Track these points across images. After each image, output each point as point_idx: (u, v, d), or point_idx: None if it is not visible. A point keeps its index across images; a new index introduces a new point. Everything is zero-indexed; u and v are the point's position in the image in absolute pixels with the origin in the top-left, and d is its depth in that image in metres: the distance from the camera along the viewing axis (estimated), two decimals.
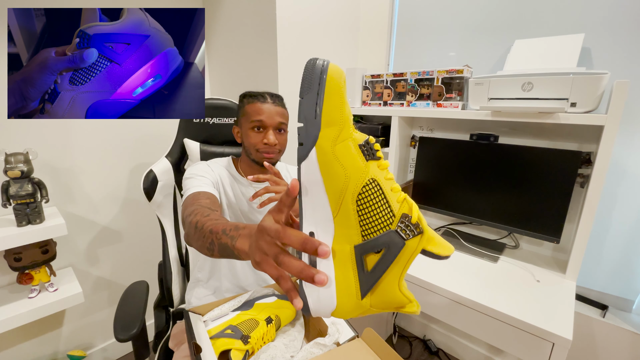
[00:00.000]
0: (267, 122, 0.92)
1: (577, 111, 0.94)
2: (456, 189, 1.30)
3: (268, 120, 0.92)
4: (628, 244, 1.13)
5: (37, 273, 1.20)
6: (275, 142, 0.93)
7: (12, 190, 1.08)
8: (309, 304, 0.37)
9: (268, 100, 0.94)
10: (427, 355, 1.65)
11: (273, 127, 0.93)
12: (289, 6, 1.26)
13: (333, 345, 0.78)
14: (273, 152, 0.94)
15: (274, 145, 0.93)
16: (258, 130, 0.93)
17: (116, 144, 1.42)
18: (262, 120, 0.92)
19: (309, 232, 0.37)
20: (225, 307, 0.87)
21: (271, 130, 0.93)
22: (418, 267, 1.11)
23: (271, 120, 0.93)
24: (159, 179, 1.05)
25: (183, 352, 0.88)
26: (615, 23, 1.04)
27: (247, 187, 1.00)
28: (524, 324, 0.86)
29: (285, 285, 0.38)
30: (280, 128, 0.95)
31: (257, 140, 0.93)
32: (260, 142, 0.93)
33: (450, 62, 1.41)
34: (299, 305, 0.37)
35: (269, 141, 0.92)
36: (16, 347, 1.31)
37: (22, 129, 1.18)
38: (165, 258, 1.09)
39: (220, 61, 1.58)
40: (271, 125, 0.93)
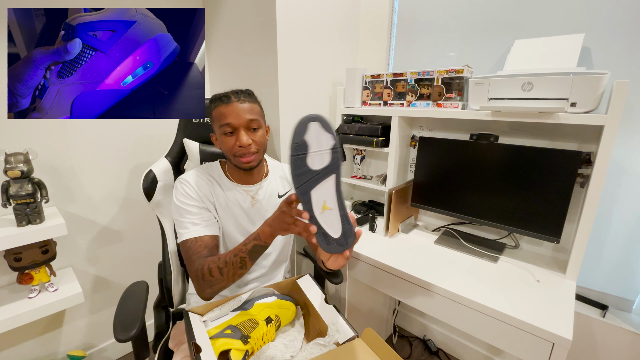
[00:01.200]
0: (235, 123, 0.87)
1: (577, 111, 0.94)
2: (456, 189, 1.30)
3: (236, 121, 0.87)
4: (628, 244, 1.13)
5: (37, 273, 1.20)
6: (249, 142, 0.89)
7: (12, 190, 1.08)
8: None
9: (232, 99, 0.88)
10: (427, 355, 1.65)
11: (243, 126, 0.88)
12: (289, 6, 1.26)
13: (333, 345, 0.78)
14: (249, 153, 0.90)
15: (248, 146, 0.89)
16: (230, 135, 0.89)
17: (116, 144, 1.42)
18: (229, 123, 0.87)
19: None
20: (225, 307, 0.87)
21: (242, 131, 0.88)
22: (418, 267, 1.11)
23: (239, 120, 0.87)
24: (158, 179, 1.05)
25: (183, 352, 0.88)
26: (615, 23, 1.04)
27: (236, 191, 0.99)
28: (524, 324, 0.86)
29: (306, 232, 0.69)
30: (252, 126, 0.90)
31: (231, 145, 0.89)
32: (235, 145, 0.89)
33: (450, 62, 1.41)
34: (313, 230, 0.66)
35: (241, 143, 0.87)
36: (16, 347, 1.31)
37: (22, 129, 1.18)
38: (165, 258, 1.09)
39: (220, 61, 1.58)
40: (241, 125, 0.88)
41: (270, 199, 1.03)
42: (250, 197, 1.00)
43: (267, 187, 1.04)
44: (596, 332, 1.17)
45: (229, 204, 0.97)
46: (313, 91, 1.48)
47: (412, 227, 1.48)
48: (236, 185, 0.99)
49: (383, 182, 1.49)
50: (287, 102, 1.35)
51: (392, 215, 1.34)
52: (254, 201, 1.00)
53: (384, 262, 1.15)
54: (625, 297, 1.18)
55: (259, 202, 1.01)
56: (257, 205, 1.00)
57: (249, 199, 1.00)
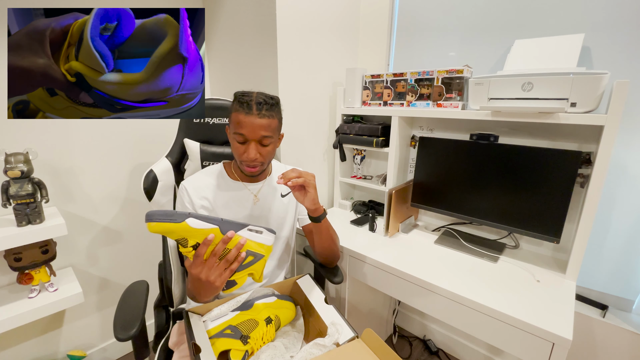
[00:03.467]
0: (249, 136, 0.89)
1: (577, 111, 0.94)
2: (456, 189, 1.30)
3: (250, 135, 0.88)
4: (628, 244, 1.13)
5: (37, 273, 1.20)
6: (256, 157, 0.90)
7: (12, 190, 1.08)
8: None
9: (254, 111, 0.87)
10: (427, 355, 1.65)
11: (255, 140, 0.90)
12: (289, 6, 1.26)
13: (332, 345, 0.78)
14: (255, 165, 0.93)
15: (254, 160, 0.91)
16: (240, 143, 0.91)
17: (116, 144, 1.42)
18: (243, 135, 0.88)
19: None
20: (224, 307, 0.87)
21: (253, 144, 0.89)
22: (418, 267, 1.11)
23: (253, 135, 0.88)
24: (159, 179, 1.05)
25: (183, 352, 0.88)
26: (615, 23, 1.04)
27: (239, 189, 1.01)
28: (524, 324, 0.86)
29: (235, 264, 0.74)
30: (264, 143, 0.91)
31: (239, 152, 0.91)
32: (242, 154, 0.91)
33: (450, 62, 1.41)
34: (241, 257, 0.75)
35: (248, 157, 0.89)
36: (16, 347, 1.31)
37: (22, 129, 1.18)
38: (165, 258, 1.09)
39: (220, 61, 1.58)
40: (253, 139, 0.89)
41: (273, 197, 1.04)
42: (253, 196, 1.01)
43: (269, 185, 1.05)
44: (596, 332, 1.17)
45: (231, 203, 0.99)
46: (313, 91, 1.48)
47: (412, 227, 1.48)
48: (239, 184, 1.01)
49: (383, 182, 1.49)
50: (287, 102, 1.35)
51: (392, 215, 1.34)
52: (256, 199, 1.02)
53: (384, 262, 1.15)
54: (625, 297, 1.18)
55: (262, 200, 1.02)
56: (259, 204, 1.02)
57: (251, 197, 1.01)
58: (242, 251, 0.74)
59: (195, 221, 0.70)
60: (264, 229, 0.78)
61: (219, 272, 0.73)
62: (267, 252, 0.79)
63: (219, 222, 0.73)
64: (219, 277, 0.73)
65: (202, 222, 0.71)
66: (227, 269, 0.74)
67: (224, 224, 0.73)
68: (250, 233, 0.76)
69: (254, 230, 0.77)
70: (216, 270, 0.73)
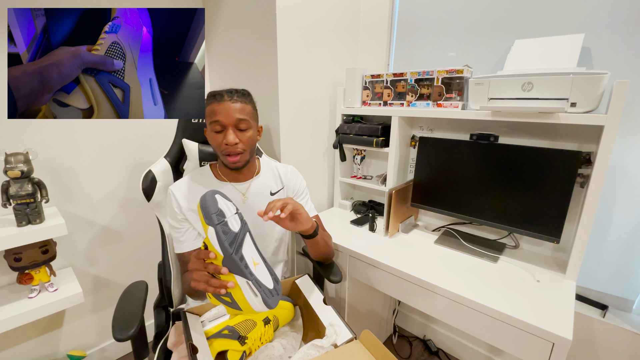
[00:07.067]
0: (225, 121, 0.89)
1: (577, 111, 0.94)
2: (456, 189, 1.30)
3: (225, 120, 0.88)
4: (628, 244, 1.13)
5: (37, 273, 1.20)
6: (236, 141, 0.89)
7: (12, 190, 1.08)
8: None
9: (225, 98, 0.89)
10: (427, 355, 1.65)
11: (232, 125, 0.90)
12: (289, 6, 1.26)
13: (330, 347, 0.78)
14: (235, 152, 0.91)
15: (234, 145, 0.90)
16: (219, 132, 0.90)
17: (116, 144, 1.42)
18: (219, 121, 0.88)
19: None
20: (223, 307, 0.87)
21: (230, 130, 0.89)
22: (418, 267, 1.11)
23: (229, 119, 0.88)
24: (157, 179, 1.05)
25: (182, 353, 0.88)
26: (615, 23, 1.04)
27: (227, 189, 1.00)
28: (524, 324, 0.86)
29: (219, 289, 0.68)
30: (240, 126, 0.91)
31: (218, 142, 0.91)
32: (222, 143, 0.90)
33: (450, 62, 1.40)
34: (230, 286, 0.67)
35: (228, 141, 0.89)
36: (16, 347, 1.32)
37: (22, 129, 1.18)
38: (165, 258, 1.09)
39: (220, 61, 1.58)
40: (229, 124, 0.89)
41: (262, 196, 1.04)
42: (241, 194, 1.01)
43: (258, 184, 1.05)
44: (596, 332, 1.17)
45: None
46: (313, 91, 1.48)
47: (412, 227, 1.48)
48: (226, 184, 1.01)
49: (383, 182, 1.49)
50: (287, 102, 1.35)
51: (392, 215, 1.34)
52: (245, 198, 1.01)
53: (384, 262, 1.15)
54: (625, 297, 1.18)
55: (250, 199, 1.02)
56: (247, 202, 1.01)
57: (239, 196, 1.01)
58: (226, 289, 0.67)
59: (213, 235, 0.67)
60: (264, 292, 0.68)
61: (205, 279, 0.69)
62: (247, 312, 0.70)
63: (228, 254, 0.66)
64: (200, 283, 0.70)
65: (216, 241, 0.67)
66: (207, 284, 0.69)
67: (230, 261, 0.67)
68: (245, 286, 0.68)
69: (252, 287, 0.67)
70: (202, 275, 0.70)
